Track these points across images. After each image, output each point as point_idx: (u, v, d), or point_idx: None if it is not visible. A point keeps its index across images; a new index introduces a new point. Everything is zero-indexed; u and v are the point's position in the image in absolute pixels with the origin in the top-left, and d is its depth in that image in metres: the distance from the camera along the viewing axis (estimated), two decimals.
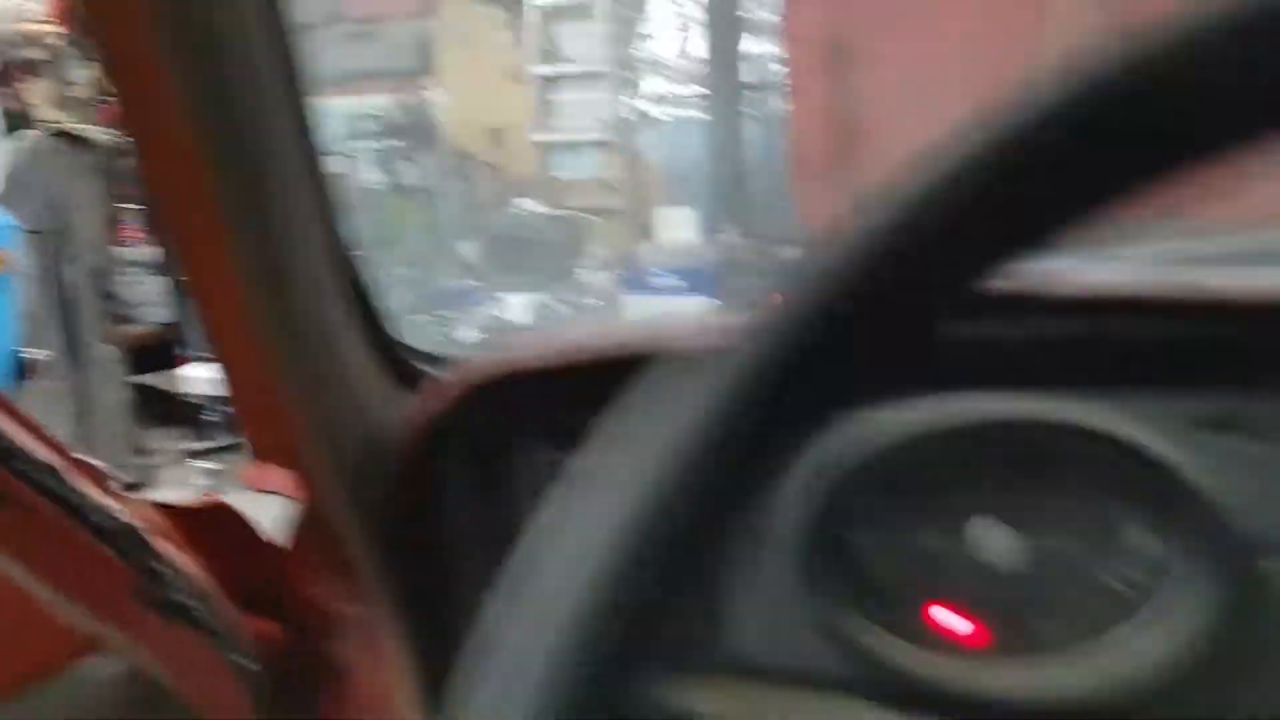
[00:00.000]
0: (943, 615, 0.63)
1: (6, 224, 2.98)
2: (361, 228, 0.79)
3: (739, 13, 4.91)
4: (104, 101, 2.87)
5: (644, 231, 4.30)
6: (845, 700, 0.63)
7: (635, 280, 5.05)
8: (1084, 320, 0.59)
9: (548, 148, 7.84)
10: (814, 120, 2.21)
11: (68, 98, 3.02)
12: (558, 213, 4.26)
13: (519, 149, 7.33)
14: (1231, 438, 0.58)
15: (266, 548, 0.64)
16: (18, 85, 3.05)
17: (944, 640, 0.63)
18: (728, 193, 3.61)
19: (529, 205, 3.96)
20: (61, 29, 2.98)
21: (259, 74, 0.59)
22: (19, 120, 3.08)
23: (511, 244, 3.92)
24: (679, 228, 3.89)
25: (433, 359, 0.79)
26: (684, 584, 0.26)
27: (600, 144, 6.57)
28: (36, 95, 3.03)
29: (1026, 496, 0.62)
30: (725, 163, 3.65)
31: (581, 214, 4.45)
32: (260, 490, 0.66)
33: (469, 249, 3.35)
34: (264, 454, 0.67)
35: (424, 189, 9.23)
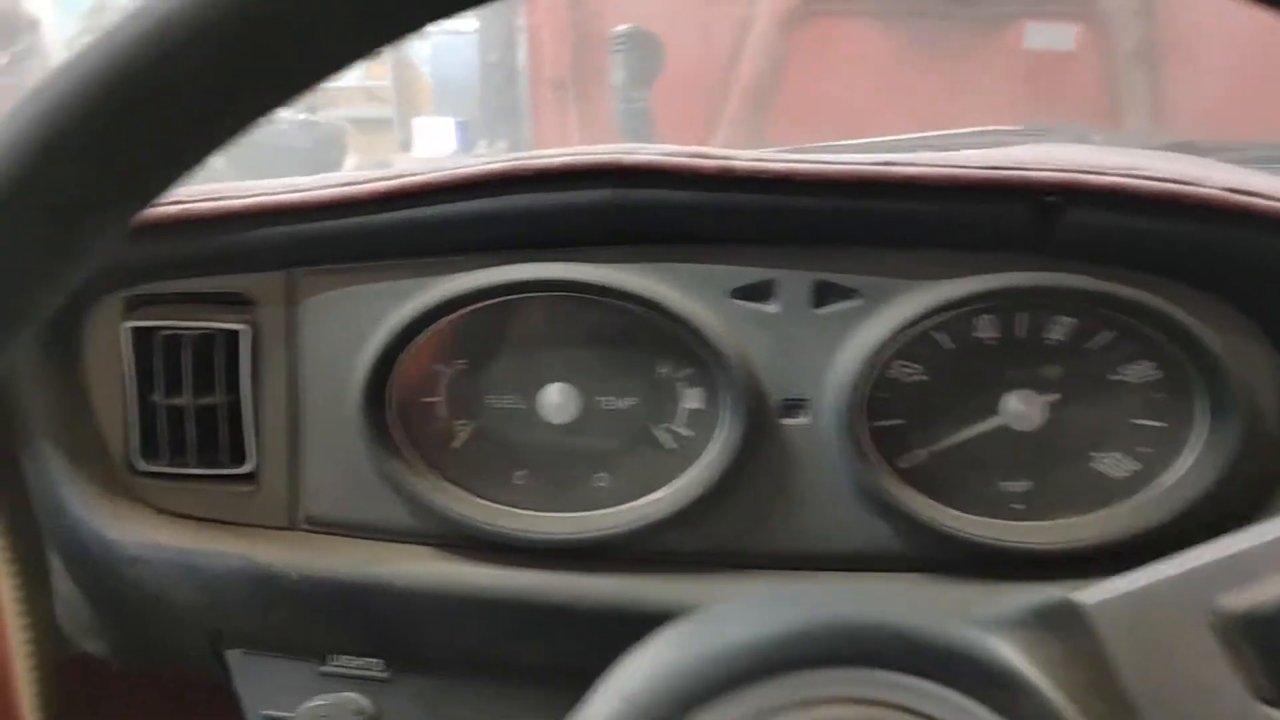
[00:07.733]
0: (516, 475, 0.67)
1: None
2: None
3: None
4: None
5: (404, 144, 4.18)
6: (414, 548, 0.67)
7: None
8: (634, 192, 0.63)
9: None
10: (552, 29, 2.21)
11: None
12: (314, 120, 4.07)
13: None
14: (760, 305, 0.65)
15: None
16: None
17: (517, 494, 0.67)
18: (493, 104, 3.55)
19: (282, 111, 3.74)
20: None
21: None
22: None
23: (260, 151, 3.74)
24: (438, 138, 3.79)
25: None
26: None
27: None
28: None
29: (592, 361, 0.66)
30: (492, 74, 3.58)
31: (339, 122, 4.28)
32: None
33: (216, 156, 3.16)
34: None
35: None
